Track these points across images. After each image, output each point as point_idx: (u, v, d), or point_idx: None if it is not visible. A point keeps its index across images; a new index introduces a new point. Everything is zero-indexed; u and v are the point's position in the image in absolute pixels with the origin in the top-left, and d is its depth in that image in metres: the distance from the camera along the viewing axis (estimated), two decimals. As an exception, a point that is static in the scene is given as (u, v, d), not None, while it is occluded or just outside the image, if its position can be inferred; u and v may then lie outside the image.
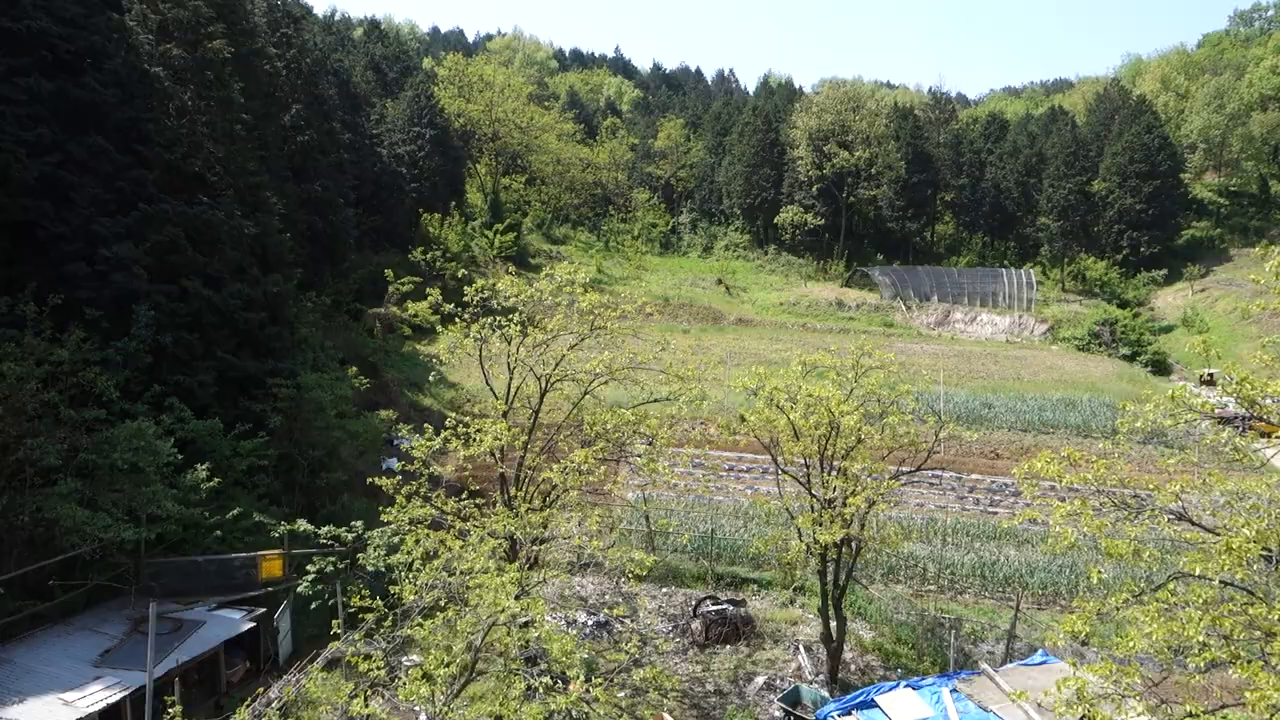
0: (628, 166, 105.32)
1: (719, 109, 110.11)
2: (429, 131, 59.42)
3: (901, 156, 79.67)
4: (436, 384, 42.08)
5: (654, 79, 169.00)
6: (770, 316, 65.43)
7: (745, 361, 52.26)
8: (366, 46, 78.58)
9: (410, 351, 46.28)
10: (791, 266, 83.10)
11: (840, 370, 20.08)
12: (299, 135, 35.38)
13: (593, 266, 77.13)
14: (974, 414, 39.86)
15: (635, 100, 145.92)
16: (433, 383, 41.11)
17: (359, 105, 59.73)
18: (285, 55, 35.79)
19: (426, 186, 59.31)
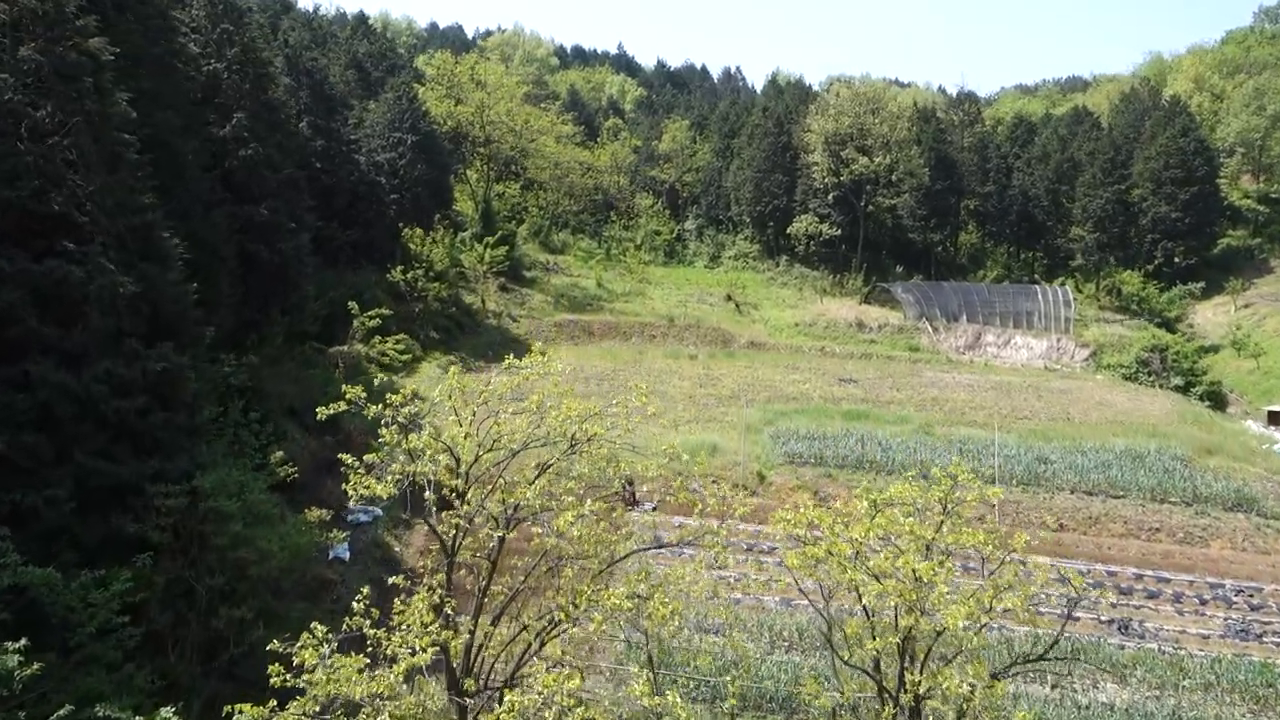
0: (630, 170, 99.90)
1: (726, 109, 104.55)
2: (411, 137, 54.01)
3: (925, 162, 74.09)
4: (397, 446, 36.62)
5: (658, 77, 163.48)
6: (785, 339, 59.98)
7: (760, 395, 46.89)
8: (350, 44, 73.11)
9: (385, 385, 40.81)
10: (805, 280, 77.58)
11: (921, 509, 14.24)
12: (242, 149, 29.91)
13: (592, 280, 71.95)
14: (1030, 471, 34.40)
15: (638, 99, 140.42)
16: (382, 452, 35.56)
17: (334, 108, 54.29)
18: (226, 55, 30.31)
19: (409, 197, 53.94)
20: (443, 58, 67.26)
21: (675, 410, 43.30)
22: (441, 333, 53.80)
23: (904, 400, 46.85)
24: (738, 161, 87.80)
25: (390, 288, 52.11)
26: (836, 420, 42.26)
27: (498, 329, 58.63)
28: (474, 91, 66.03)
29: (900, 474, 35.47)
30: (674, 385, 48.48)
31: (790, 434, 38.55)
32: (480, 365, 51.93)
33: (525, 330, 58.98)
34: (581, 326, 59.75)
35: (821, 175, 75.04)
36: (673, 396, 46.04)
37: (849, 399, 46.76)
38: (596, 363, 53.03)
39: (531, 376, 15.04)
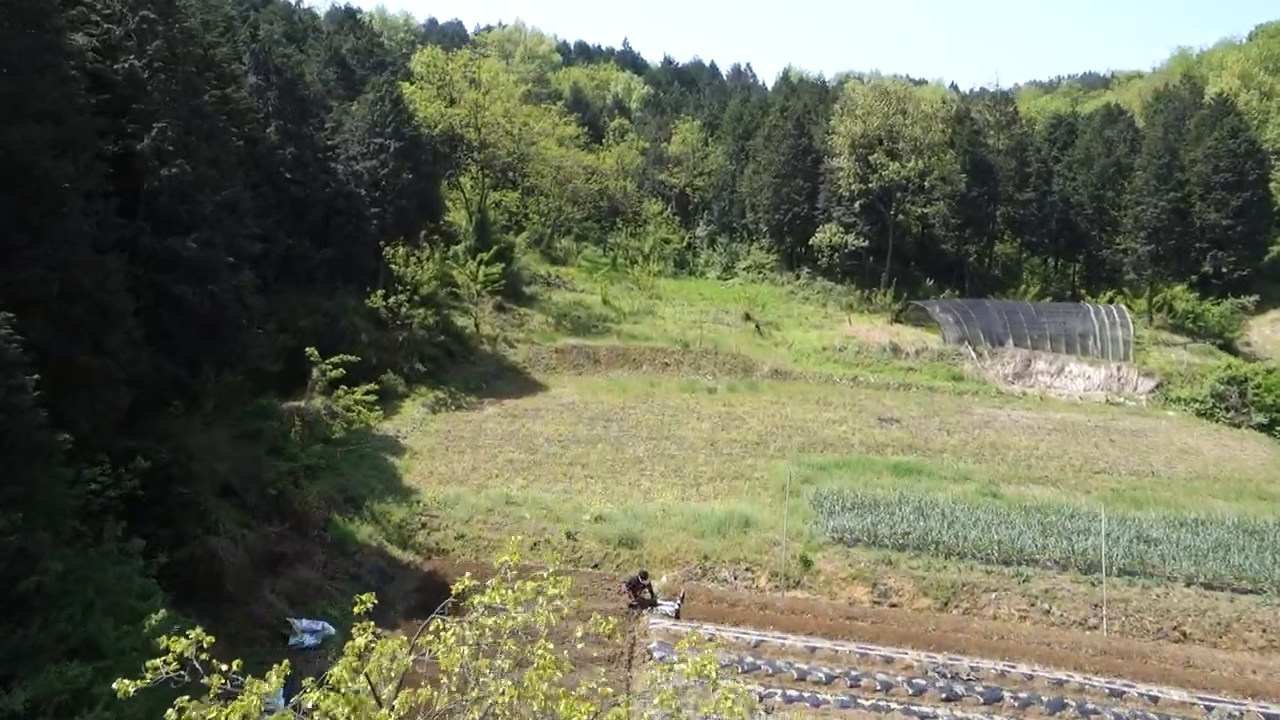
0: (637, 174, 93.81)
1: (739, 109, 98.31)
2: (394, 142, 47.92)
3: (961, 167, 67.86)
4: (379, 502, 30.61)
5: (665, 74, 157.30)
6: (813, 366, 53.80)
7: (792, 439, 40.78)
8: (335, 39, 67.00)
9: (361, 431, 34.76)
10: (829, 295, 71.41)
11: None
12: (165, 166, 23.85)
13: (598, 296, 65.89)
14: (1132, 554, 28.27)
15: (645, 98, 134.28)
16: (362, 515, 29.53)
17: (308, 110, 48.23)
18: (147, 50, 24.25)
19: (391, 210, 47.84)
20: (432, 54, 61.15)
21: (695, 463, 37.32)
22: (429, 363, 47.71)
23: (957, 446, 40.70)
24: (753, 165, 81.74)
25: (371, 313, 46.08)
26: (884, 475, 36.16)
27: (493, 356, 52.55)
28: (468, 91, 59.88)
29: (973, 557, 29.61)
30: (691, 427, 42.36)
31: (834, 498, 32.43)
32: (471, 400, 45.96)
33: (524, 357, 52.89)
34: (586, 353, 53.62)
35: (847, 181, 68.83)
36: (691, 443, 39.95)
37: (894, 445, 40.62)
38: (603, 397, 46.95)
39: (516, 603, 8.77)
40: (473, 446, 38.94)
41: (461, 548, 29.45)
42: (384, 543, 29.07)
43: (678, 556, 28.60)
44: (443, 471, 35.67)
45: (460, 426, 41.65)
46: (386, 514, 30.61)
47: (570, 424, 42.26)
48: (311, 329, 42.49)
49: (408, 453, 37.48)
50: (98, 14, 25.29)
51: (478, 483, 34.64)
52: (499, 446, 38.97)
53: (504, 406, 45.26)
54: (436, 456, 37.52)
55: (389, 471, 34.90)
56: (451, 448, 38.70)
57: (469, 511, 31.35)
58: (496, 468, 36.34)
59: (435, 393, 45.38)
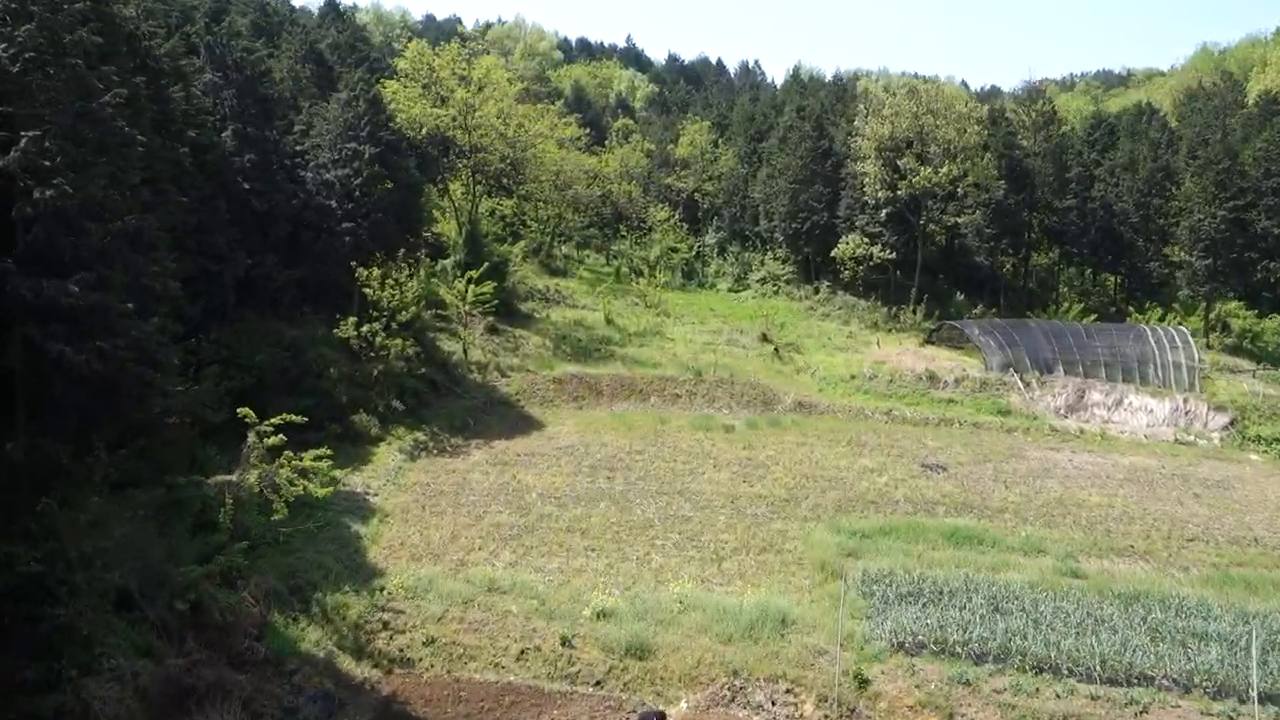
0: (642, 177, 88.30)
1: (750, 108, 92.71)
2: (370, 147, 42.23)
3: (998, 172, 62.09)
4: (334, 592, 24.89)
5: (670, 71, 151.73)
6: (840, 397, 48.07)
7: (826, 495, 35.07)
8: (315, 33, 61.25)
9: (311, 502, 28.92)
10: (852, 311, 65.67)
11: None
12: (40, 188, 18.22)
13: (600, 313, 60.25)
14: (1273, 673, 22.49)
15: (649, 96, 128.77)
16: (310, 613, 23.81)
17: (272, 112, 42.55)
18: (16, 37, 18.63)
19: (366, 225, 42.15)
20: (418, 48, 55.43)
21: (714, 527, 31.59)
22: (409, 398, 42.04)
23: (1019, 504, 34.97)
24: (767, 169, 76.04)
25: (343, 343, 40.41)
26: (940, 545, 30.47)
27: (483, 387, 46.85)
28: (458, 89, 54.15)
29: (1071, 674, 23.81)
30: (708, 478, 36.67)
31: (886, 582, 26.76)
32: (456, 443, 40.28)
33: (518, 388, 47.17)
34: (587, 383, 47.91)
35: (873, 187, 63.06)
36: (708, 500, 34.26)
37: (945, 501, 34.92)
38: (607, 438, 41.24)
39: None
40: (454, 505, 33.25)
41: (431, 656, 23.74)
42: (334, 651, 23.37)
43: (700, 672, 22.89)
44: (416, 542, 29.99)
45: (441, 478, 35.95)
46: (341, 608, 24.91)
47: (569, 474, 36.57)
48: (270, 365, 36.98)
49: (376, 515, 31.80)
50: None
51: (457, 557, 28.95)
52: (486, 505, 33.29)
53: (494, 450, 39.57)
54: (411, 519, 31.85)
55: (351, 544, 29.21)
56: (429, 507, 33.02)
57: (443, 603, 25.64)
58: (481, 535, 30.66)
59: (414, 434, 39.71)
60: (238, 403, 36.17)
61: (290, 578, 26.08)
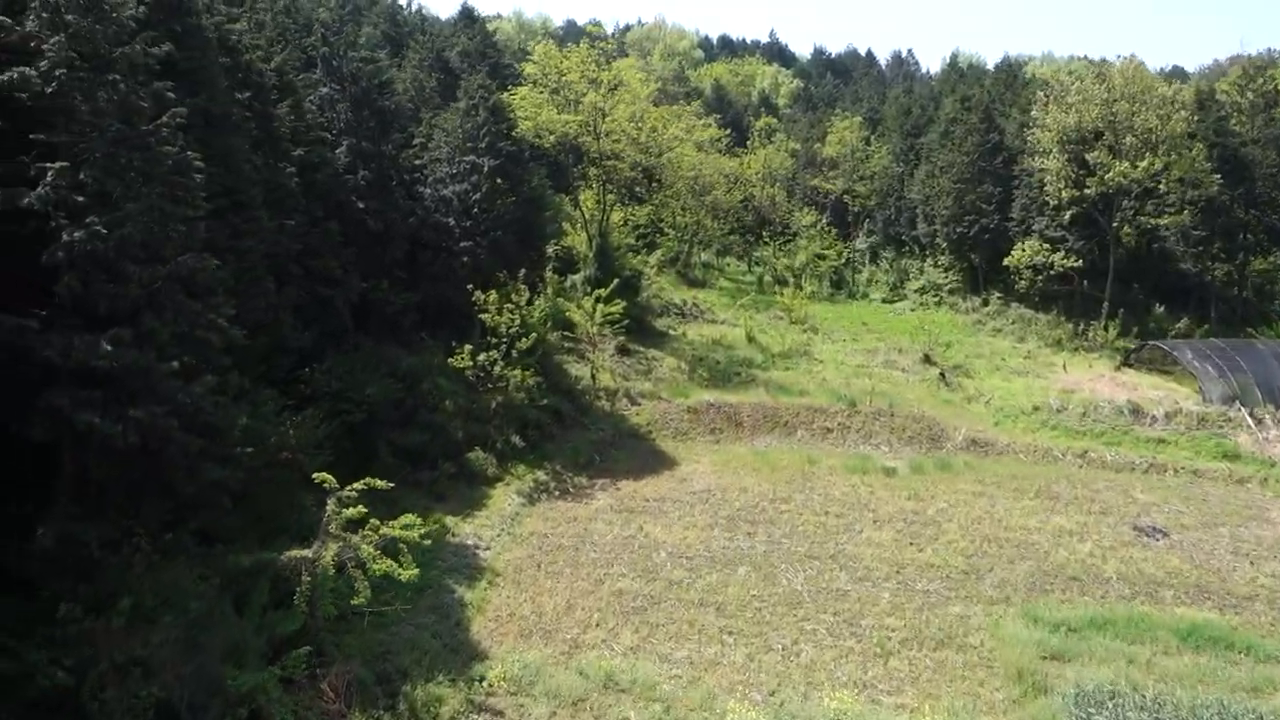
0: (787, 179, 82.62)
1: (906, 101, 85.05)
2: (489, 160, 38.97)
3: (1213, 166, 52.92)
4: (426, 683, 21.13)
5: (816, 65, 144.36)
6: (1022, 435, 41.16)
7: (1015, 566, 28.85)
8: (438, 40, 59.20)
9: (407, 578, 25.34)
10: (1028, 327, 57.83)
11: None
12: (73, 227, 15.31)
13: (741, 330, 55.26)
14: None
15: (794, 92, 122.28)
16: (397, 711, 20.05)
17: (390, 126, 40.02)
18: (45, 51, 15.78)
19: (485, 244, 38.92)
20: (545, 50, 52.24)
21: (876, 608, 26.15)
22: (531, 431, 38.51)
23: (1272, 587, 27.64)
24: (927, 167, 68.86)
25: (459, 372, 37.28)
26: (1174, 650, 23.90)
27: (610, 417, 42.83)
28: (588, 93, 50.51)
29: None
30: (866, 537, 31.12)
31: (1110, 704, 20.63)
32: (580, 483, 36.39)
33: (648, 419, 42.88)
34: (726, 413, 43.06)
35: (1055, 186, 55.11)
36: (867, 568, 28.74)
37: (1173, 581, 28.04)
38: (747, 480, 36.33)
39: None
40: (573, 564, 29.20)
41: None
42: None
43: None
44: (526, 613, 26.07)
45: (561, 528, 32.04)
46: (433, 705, 21.12)
47: (703, 527, 31.89)
48: (382, 398, 34.18)
49: (485, 576, 28.13)
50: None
51: (571, 635, 24.81)
52: (608, 564, 29.07)
53: (620, 493, 35.39)
54: (523, 581, 28.00)
55: (453, 614, 25.58)
56: (545, 565, 29.10)
57: (551, 703, 21.52)
58: (600, 605, 26.43)
59: (535, 474, 36.04)
60: (351, 437, 34.11)
61: (380, 660, 22.63)
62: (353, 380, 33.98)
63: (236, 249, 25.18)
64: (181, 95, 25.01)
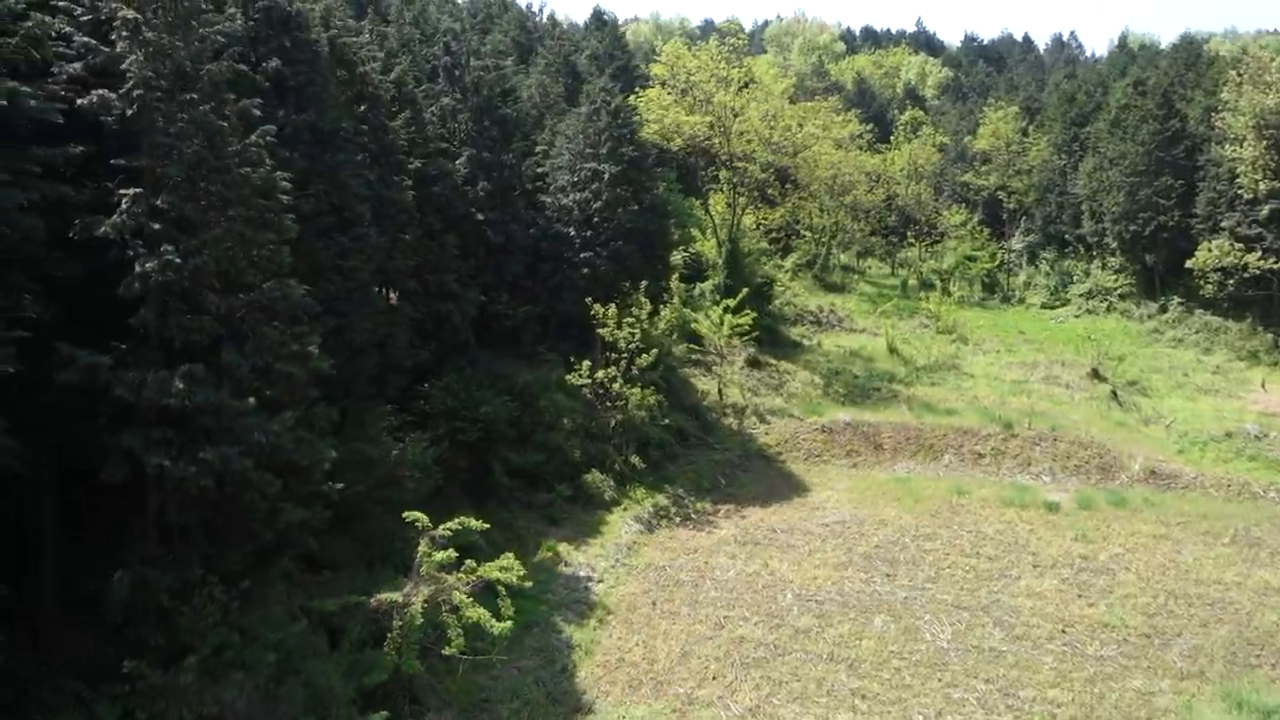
0: (934, 176, 77.49)
1: (1069, 87, 77.95)
2: (610, 167, 37.29)
3: None
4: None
5: (967, 53, 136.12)
6: (1212, 465, 35.86)
7: (1209, 631, 24.48)
8: (566, 45, 58.25)
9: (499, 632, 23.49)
10: (1215, 337, 51.29)
11: None
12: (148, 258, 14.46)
13: (882, 340, 51.53)
14: None
15: (943, 82, 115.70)
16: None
17: (512, 134, 39.04)
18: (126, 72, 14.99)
19: (605, 255, 37.29)
20: (673, 49, 50.15)
21: (1038, 678, 22.60)
22: (653, 451, 36.59)
23: None
24: (1094, 159, 62.55)
25: (578, 390, 35.75)
26: None
27: (738, 436, 40.33)
28: (717, 93, 48.11)
29: None
30: (1024, 586, 27.35)
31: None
32: (702, 509, 34.18)
33: (779, 438, 40.12)
34: (863, 434, 39.73)
35: (1250, 177, 48.43)
36: (1026, 626, 25.07)
37: None
38: (886, 512, 33.08)
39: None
40: (691, 603, 26.98)
41: None
42: None
43: None
44: (637, 658, 24.04)
45: (680, 560, 29.89)
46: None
47: (836, 566, 28.96)
48: (497, 417, 33.00)
49: (596, 613, 26.33)
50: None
51: (684, 690, 22.60)
52: (729, 605, 26.69)
53: (745, 522, 32.92)
54: (635, 621, 26.01)
55: (559, 657, 23.87)
56: (660, 603, 27.01)
57: (656, 773, 19.42)
58: (718, 654, 24.08)
59: (654, 498, 34.07)
60: (466, 457, 33.15)
61: (477, 709, 21.15)
62: (468, 397, 32.96)
63: (342, 268, 24.28)
64: (289, 111, 24.68)
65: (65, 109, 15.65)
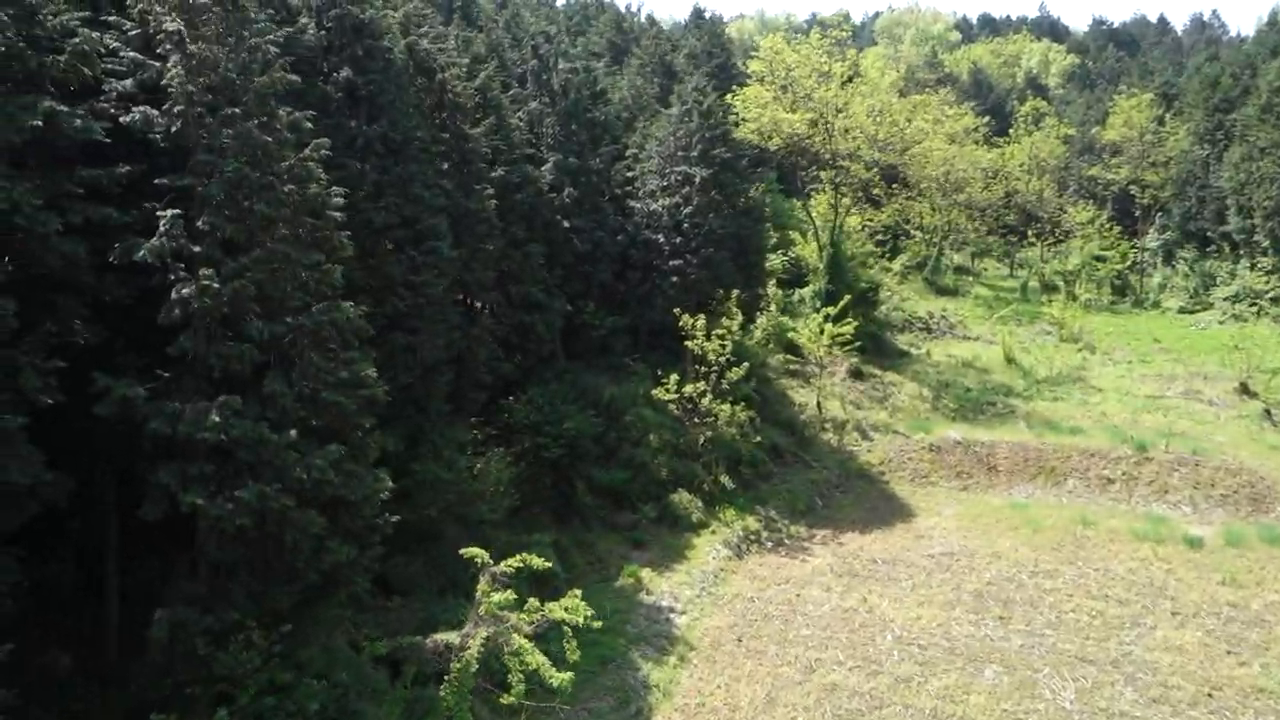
0: (1058, 170, 72.50)
1: (1213, 70, 71.37)
2: (701, 170, 35.51)
3: None
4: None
5: (1094, 38, 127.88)
6: (1387, 498, 31.25)
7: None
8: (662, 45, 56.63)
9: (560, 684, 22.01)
10: (1389, 347, 45.44)
11: None
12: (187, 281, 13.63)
13: (999, 350, 48.04)
14: None
15: (1068, 70, 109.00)
16: None
17: (600, 138, 37.78)
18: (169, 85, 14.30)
19: (695, 263, 35.58)
20: (771, 44, 47.85)
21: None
22: (746, 468, 34.67)
23: None
24: (1242, 148, 56.94)
25: (666, 404, 34.09)
26: None
27: (838, 453, 37.90)
28: (817, 89, 45.57)
29: None
30: (1159, 638, 24.14)
31: None
32: (797, 533, 32.07)
33: (881, 457, 37.49)
34: (976, 454, 36.67)
35: None
36: (1164, 684, 22.01)
37: None
38: (1000, 543, 30.16)
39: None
40: (780, 641, 24.97)
41: None
42: None
43: None
44: (719, 704, 22.25)
45: (770, 591, 27.87)
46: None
47: (942, 605, 26.39)
48: (581, 433, 31.70)
49: (676, 650, 24.65)
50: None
51: None
52: (821, 646, 24.56)
53: (843, 550, 30.61)
54: (719, 661, 24.19)
55: (633, 700, 22.30)
56: (747, 639, 25.11)
57: (733, 843, 17.59)
58: (806, 703, 22.04)
59: (745, 520, 32.10)
60: (550, 474, 31.97)
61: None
62: (552, 412, 31.83)
63: (413, 283, 23.37)
64: (361, 122, 23.96)
65: (111, 127, 15.09)
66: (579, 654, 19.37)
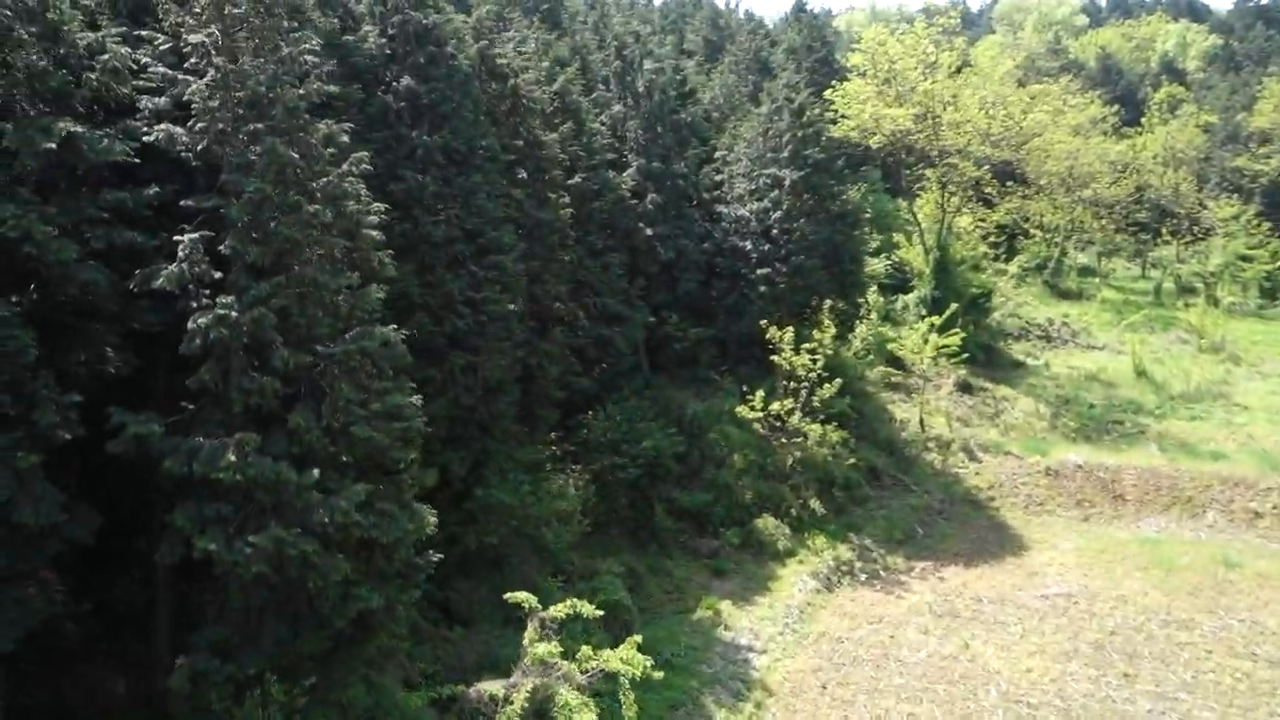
0: (1197, 161, 66.44)
1: (1382, 46, 64.04)
2: (792, 172, 33.35)
3: None
4: None
5: (1240, 16, 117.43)
6: None
7: None
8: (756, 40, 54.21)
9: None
10: None
11: None
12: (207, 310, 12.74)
13: (1128, 361, 43.95)
14: None
15: (1209, 52, 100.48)
16: None
17: (687, 141, 36.11)
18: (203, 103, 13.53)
19: (784, 271, 33.46)
20: (874, 34, 44.90)
21: None
22: (839, 492, 32.34)
23: None
24: None
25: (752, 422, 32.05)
26: None
27: (941, 476, 35.04)
28: (921, 83, 42.47)
29: None
30: (1326, 705, 20.65)
31: None
32: (894, 565, 29.60)
33: (990, 481, 34.42)
34: (1100, 480, 33.16)
35: None
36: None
37: None
38: (1127, 584, 26.94)
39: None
40: (869, 690, 22.73)
41: None
42: None
43: None
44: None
45: (861, 631, 25.60)
46: None
47: (1056, 656, 23.56)
48: (660, 452, 30.07)
49: (755, 694, 22.75)
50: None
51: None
52: (914, 698, 22.21)
53: (944, 586, 27.99)
54: (800, 709, 22.19)
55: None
56: (832, 688, 22.97)
57: None
58: (897, 767, 19.78)
59: (836, 549, 29.82)
60: (627, 494, 30.46)
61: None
62: (630, 430, 30.36)
63: (474, 300, 22.26)
64: (423, 131, 23.01)
65: (140, 147, 14.40)
66: (637, 707, 17.72)
